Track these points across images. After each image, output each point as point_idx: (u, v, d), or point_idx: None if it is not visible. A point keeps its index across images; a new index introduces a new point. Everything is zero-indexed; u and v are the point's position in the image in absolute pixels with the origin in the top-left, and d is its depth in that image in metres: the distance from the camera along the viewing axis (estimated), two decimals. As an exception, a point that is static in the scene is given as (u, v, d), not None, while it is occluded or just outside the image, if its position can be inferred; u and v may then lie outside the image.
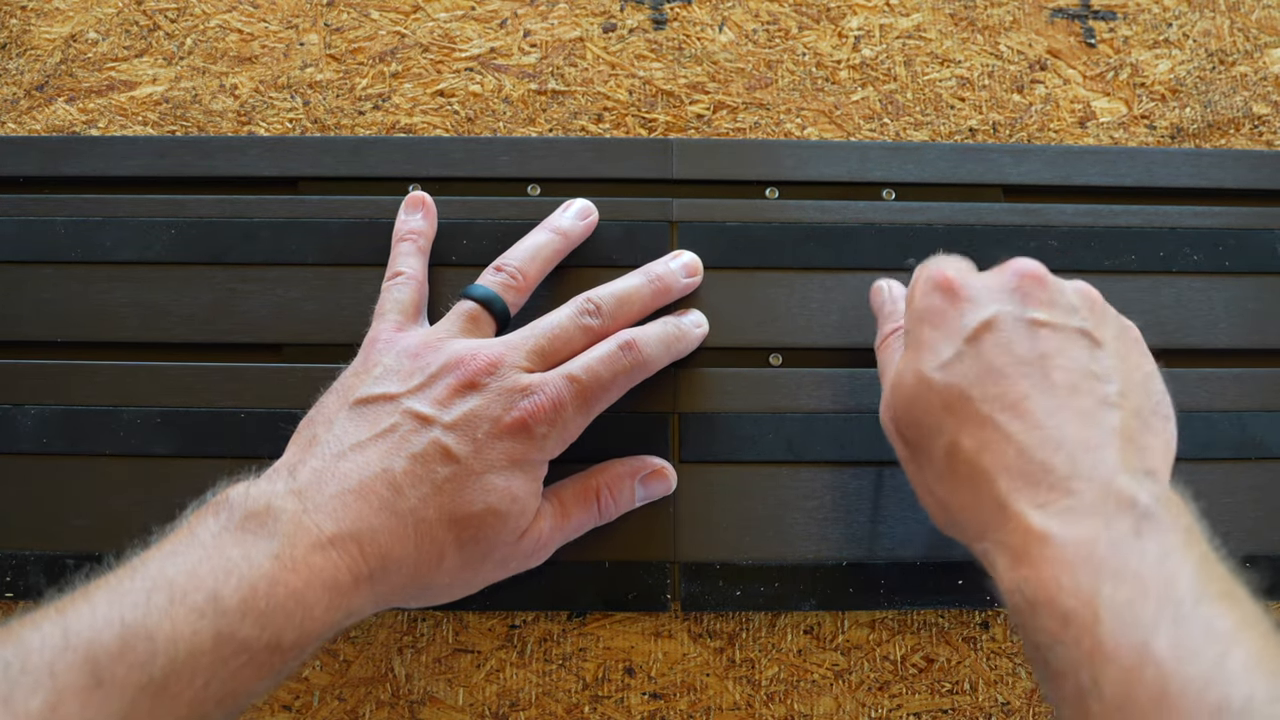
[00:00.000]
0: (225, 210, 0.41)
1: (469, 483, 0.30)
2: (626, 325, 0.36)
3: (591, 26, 0.47)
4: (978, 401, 0.28)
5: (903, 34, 0.47)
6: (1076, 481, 0.26)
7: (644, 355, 0.34)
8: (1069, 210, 0.42)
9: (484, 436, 0.31)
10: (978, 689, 0.37)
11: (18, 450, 0.38)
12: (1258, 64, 0.47)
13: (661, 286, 0.37)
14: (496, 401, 0.31)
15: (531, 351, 0.33)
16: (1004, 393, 0.28)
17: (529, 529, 0.32)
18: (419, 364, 0.32)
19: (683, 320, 0.37)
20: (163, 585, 0.26)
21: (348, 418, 0.31)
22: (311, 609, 0.27)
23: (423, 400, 0.31)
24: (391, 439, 0.30)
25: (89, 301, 0.40)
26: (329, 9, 0.47)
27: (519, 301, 0.36)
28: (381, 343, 0.34)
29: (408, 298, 0.36)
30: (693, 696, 0.37)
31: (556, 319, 0.34)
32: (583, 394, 0.32)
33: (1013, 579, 0.25)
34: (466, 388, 0.31)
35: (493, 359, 0.32)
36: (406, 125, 0.45)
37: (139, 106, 0.45)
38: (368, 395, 0.31)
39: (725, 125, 0.45)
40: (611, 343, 0.34)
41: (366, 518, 0.29)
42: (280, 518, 0.28)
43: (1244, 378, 0.40)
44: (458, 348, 0.32)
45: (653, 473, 0.36)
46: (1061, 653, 0.23)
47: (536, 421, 0.31)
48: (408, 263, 0.38)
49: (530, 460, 0.31)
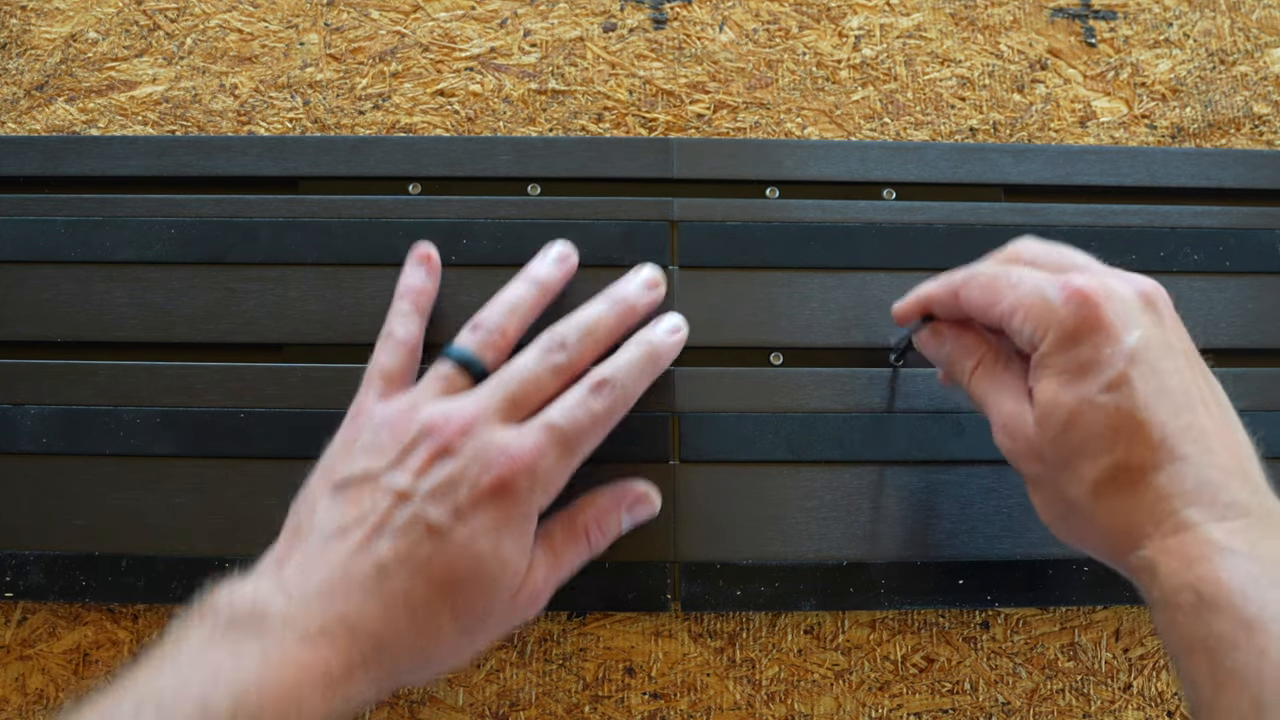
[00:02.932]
0: (225, 210, 0.41)
1: (456, 552, 0.29)
2: (596, 355, 0.35)
3: (591, 26, 0.47)
4: (1149, 423, 0.28)
5: (903, 33, 0.47)
6: (1251, 506, 0.27)
7: (620, 391, 0.33)
8: (1069, 210, 0.42)
9: (465, 503, 0.30)
10: (978, 689, 0.37)
11: (17, 450, 0.38)
12: (1258, 64, 0.47)
13: (625, 308, 0.36)
14: (474, 464, 0.30)
15: (503, 404, 0.32)
16: (1171, 419, 0.28)
17: (524, 584, 0.31)
18: (395, 436, 0.32)
19: (655, 334, 0.36)
20: (150, 700, 0.25)
21: (330, 502, 0.31)
22: (305, 705, 0.26)
23: (400, 474, 0.30)
24: (373, 519, 0.30)
25: (89, 301, 0.40)
26: (329, 9, 0.47)
27: (498, 360, 0.35)
28: (363, 416, 0.33)
29: (394, 364, 0.35)
30: (693, 696, 0.37)
31: (523, 364, 0.33)
32: (563, 442, 0.32)
33: (1185, 579, 0.26)
34: (441, 454, 0.31)
35: (465, 420, 0.31)
36: (407, 125, 0.45)
37: (139, 106, 0.45)
38: (347, 476, 0.31)
39: (725, 125, 0.45)
40: (585, 385, 0.33)
41: (355, 604, 0.28)
42: (267, 617, 0.27)
43: (1244, 378, 0.40)
44: (431, 413, 0.32)
45: (637, 499, 0.35)
46: (1240, 659, 0.24)
47: (518, 478, 0.30)
48: (403, 324, 0.37)
49: (515, 517, 0.31)
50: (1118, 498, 0.28)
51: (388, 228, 0.41)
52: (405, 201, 0.42)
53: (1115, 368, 0.29)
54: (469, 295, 0.40)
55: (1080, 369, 0.29)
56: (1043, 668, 0.37)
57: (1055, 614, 0.38)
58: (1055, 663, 0.37)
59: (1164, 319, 0.30)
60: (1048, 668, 0.37)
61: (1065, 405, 0.29)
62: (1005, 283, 0.32)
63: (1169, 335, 0.30)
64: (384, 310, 0.40)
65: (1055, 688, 0.37)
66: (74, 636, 0.37)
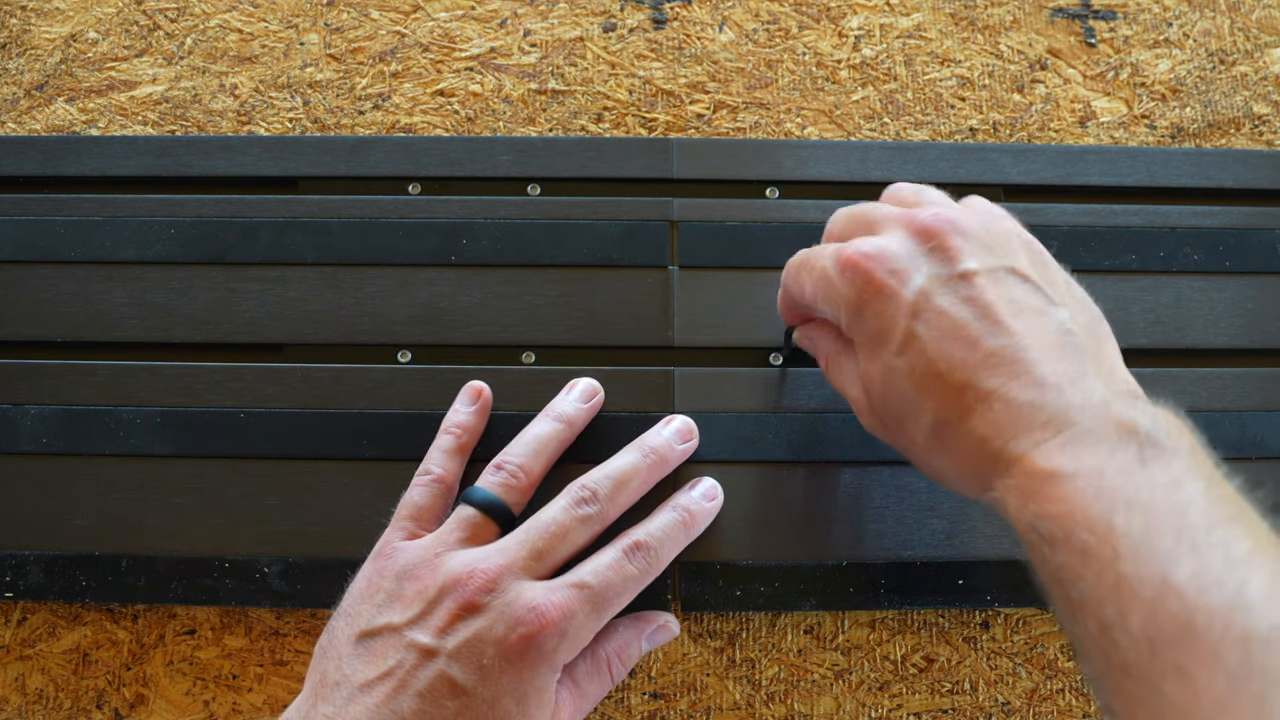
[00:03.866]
0: (225, 210, 0.41)
1: (480, 713, 0.29)
2: (627, 507, 0.34)
3: (591, 26, 0.47)
4: (946, 373, 0.27)
5: (903, 34, 0.47)
6: (1070, 413, 0.26)
7: (655, 556, 0.33)
8: (1069, 210, 0.42)
9: (490, 662, 0.29)
10: (978, 689, 0.37)
11: (17, 450, 0.38)
12: (1258, 63, 0.47)
13: (657, 459, 0.35)
14: (499, 622, 0.30)
15: (530, 557, 0.31)
16: (967, 355, 0.27)
17: None
18: (418, 587, 0.31)
19: (691, 499, 0.35)
20: None
21: (354, 654, 0.30)
22: None
23: (424, 630, 0.30)
24: (397, 676, 0.29)
25: (89, 301, 0.40)
26: (329, 9, 0.47)
27: (522, 501, 0.34)
28: (384, 558, 0.33)
29: (426, 503, 0.35)
30: (693, 696, 0.37)
31: (551, 515, 0.32)
32: (593, 601, 0.31)
33: (1025, 518, 0.25)
34: (467, 611, 0.30)
35: (490, 576, 0.30)
36: (406, 125, 0.45)
37: (139, 106, 0.45)
38: (371, 628, 0.31)
39: (725, 125, 0.45)
40: (620, 547, 0.33)
41: None
42: None
43: (1244, 378, 0.40)
44: (454, 566, 0.31)
45: (658, 628, 0.35)
46: (1084, 588, 0.23)
47: (546, 637, 0.30)
48: (442, 461, 0.36)
49: (541, 674, 0.30)
50: (951, 450, 0.28)
51: (388, 228, 0.41)
52: (405, 201, 0.42)
53: (900, 327, 0.28)
54: (469, 295, 0.40)
55: (875, 338, 0.29)
56: (1043, 668, 0.37)
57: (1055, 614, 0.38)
58: (1055, 663, 0.37)
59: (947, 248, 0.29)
60: (1048, 668, 0.37)
61: (874, 378, 0.30)
62: (805, 269, 0.32)
63: (952, 265, 0.28)
64: (384, 310, 0.40)
65: (1055, 688, 0.37)
66: (74, 636, 0.37)
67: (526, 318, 0.40)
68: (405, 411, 0.38)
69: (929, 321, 0.28)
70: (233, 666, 0.37)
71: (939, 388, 0.28)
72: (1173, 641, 0.22)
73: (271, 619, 0.37)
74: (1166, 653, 0.22)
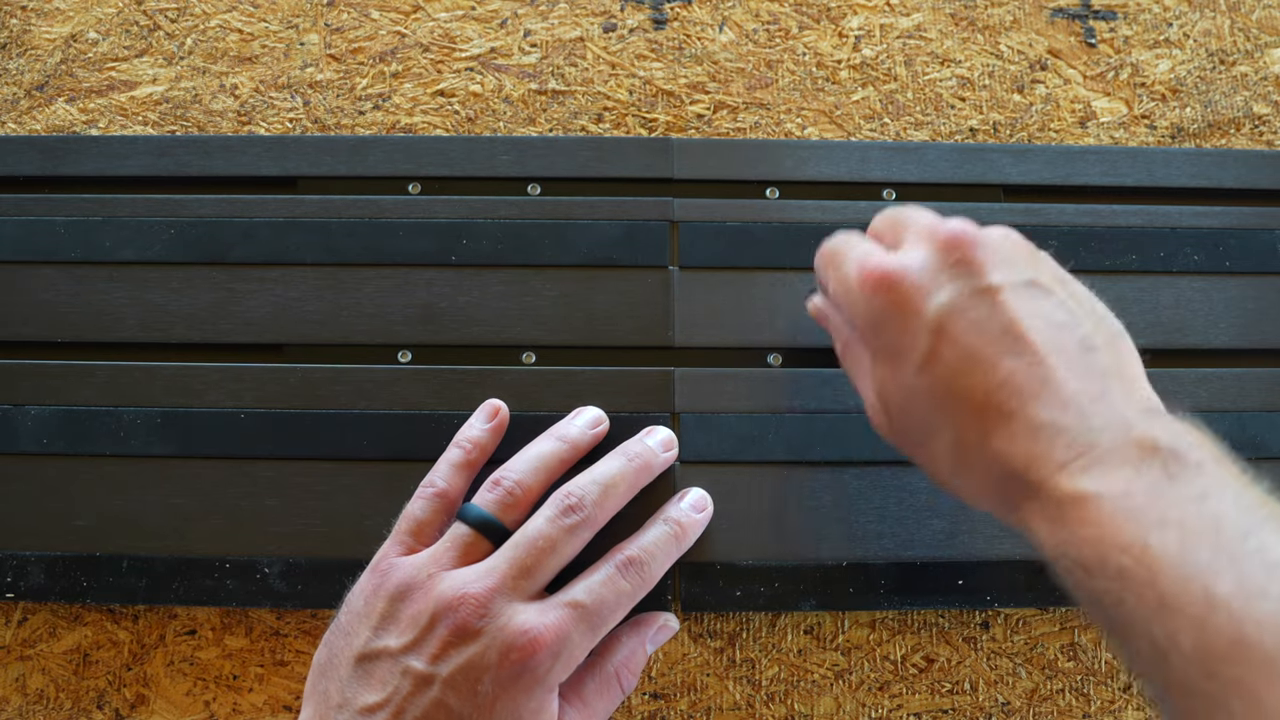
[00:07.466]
0: (225, 210, 0.41)
1: None
2: (613, 514, 0.34)
3: (592, 26, 0.47)
4: (967, 392, 0.27)
5: (903, 34, 0.47)
6: (1093, 434, 0.26)
7: (648, 571, 0.33)
8: (1069, 210, 0.42)
9: (486, 688, 0.29)
10: (978, 689, 0.37)
11: (18, 450, 0.38)
12: (1258, 64, 0.47)
13: (642, 464, 0.35)
14: (492, 648, 0.30)
15: (518, 576, 0.31)
16: (989, 375, 0.27)
17: None
18: (412, 611, 0.31)
19: (681, 510, 0.35)
20: None
21: (353, 676, 0.31)
22: None
23: (419, 657, 0.30)
24: (395, 703, 0.29)
25: (89, 301, 0.40)
26: (329, 9, 0.47)
27: (519, 519, 0.34)
28: (379, 574, 0.32)
29: (426, 518, 0.34)
30: (693, 696, 0.37)
31: (537, 528, 0.32)
32: (587, 619, 0.31)
33: (1056, 545, 0.25)
34: (459, 637, 0.30)
35: (480, 599, 0.30)
36: (407, 125, 0.45)
37: (139, 106, 0.45)
38: (370, 651, 0.31)
39: (725, 125, 0.45)
40: (613, 564, 0.32)
41: None
42: None
43: (1244, 378, 0.40)
44: (444, 590, 0.31)
45: (659, 628, 0.35)
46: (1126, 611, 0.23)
47: (540, 659, 0.30)
48: (448, 475, 0.35)
49: (535, 694, 0.30)
50: (974, 470, 0.28)
51: (388, 228, 0.41)
52: (405, 201, 0.42)
53: (922, 346, 0.28)
54: (469, 295, 0.40)
55: (894, 353, 0.29)
56: (1043, 668, 0.37)
57: (1055, 614, 0.38)
58: (1055, 663, 0.37)
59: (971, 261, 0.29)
60: (1048, 668, 0.37)
61: (891, 392, 0.29)
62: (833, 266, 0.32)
63: (975, 280, 0.28)
64: (384, 310, 0.40)
65: (1055, 688, 0.37)
66: (74, 637, 0.37)
67: (526, 318, 0.40)
68: (405, 412, 0.38)
69: (951, 341, 0.28)
70: (233, 667, 0.37)
71: (960, 408, 0.28)
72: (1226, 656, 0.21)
73: (272, 619, 0.38)
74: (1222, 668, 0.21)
